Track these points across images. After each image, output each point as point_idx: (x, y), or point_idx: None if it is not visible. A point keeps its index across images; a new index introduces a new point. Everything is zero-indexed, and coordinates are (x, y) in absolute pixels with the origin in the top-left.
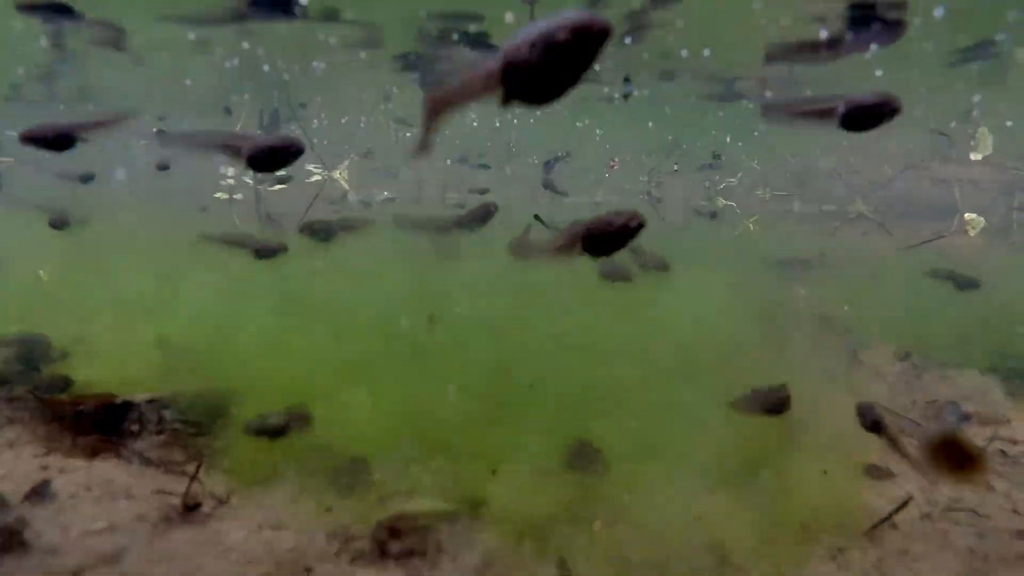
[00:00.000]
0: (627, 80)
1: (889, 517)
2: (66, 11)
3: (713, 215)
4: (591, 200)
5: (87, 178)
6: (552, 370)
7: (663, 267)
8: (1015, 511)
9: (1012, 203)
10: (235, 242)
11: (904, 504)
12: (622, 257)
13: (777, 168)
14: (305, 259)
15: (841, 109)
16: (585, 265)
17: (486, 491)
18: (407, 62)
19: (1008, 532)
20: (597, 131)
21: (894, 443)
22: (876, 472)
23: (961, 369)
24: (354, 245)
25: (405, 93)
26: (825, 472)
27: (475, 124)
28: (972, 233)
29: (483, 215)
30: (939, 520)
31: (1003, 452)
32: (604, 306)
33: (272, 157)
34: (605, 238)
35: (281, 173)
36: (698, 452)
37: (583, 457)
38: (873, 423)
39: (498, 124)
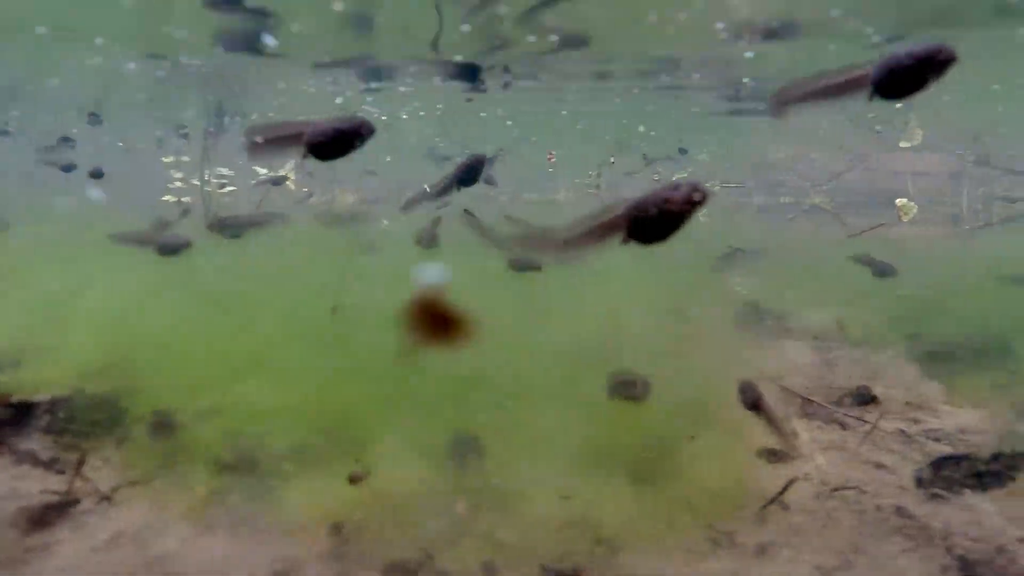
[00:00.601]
0: (506, 69)
1: (775, 498)
2: None
3: None
4: (552, 199)
5: (68, 168)
6: (447, 360)
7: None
8: (901, 487)
9: (964, 191)
10: (141, 240)
11: (789, 485)
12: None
13: (730, 160)
14: (221, 255)
15: (874, 74)
16: (496, 254)
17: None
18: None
19: (890, 508)
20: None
21: (772, 421)
22: (773, 455)
23: (879, 352)
24: (272, 241)
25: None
26: (708, 450)
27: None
28: (905, 219)
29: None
30: (828, 499)
31: (902, 431)
32: (511, 296)
33: (337, 142)
34: (659, 220)
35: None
36: (585, 439)
37: (462, 444)
38: (752, 402)
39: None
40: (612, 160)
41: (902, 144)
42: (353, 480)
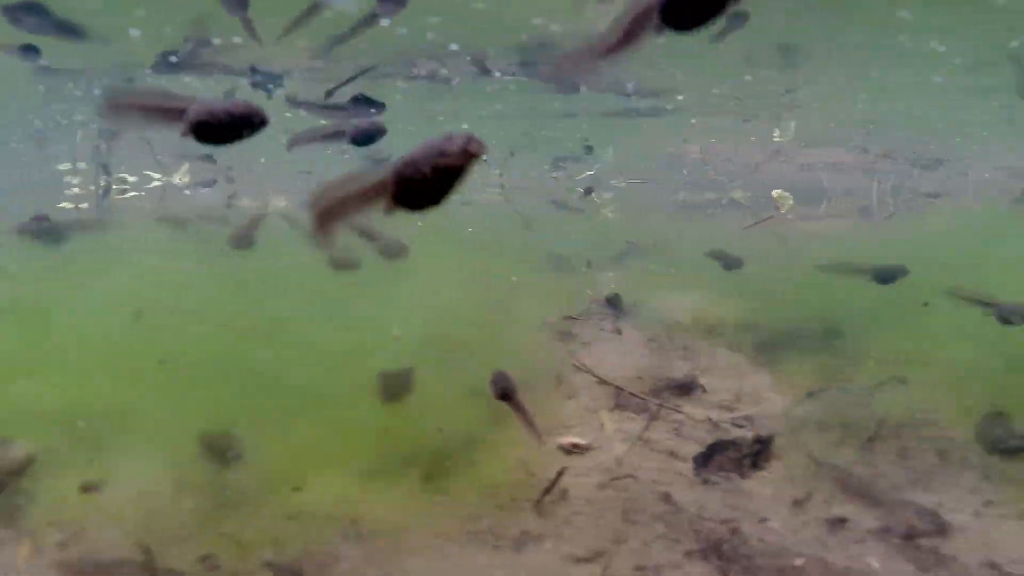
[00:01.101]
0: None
1: (549, 490)
2: None
3: (568, 205)
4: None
5: None
6: (231, 358)
7: (399, 253)
8: (679, 474)
9: (874, 184)
10: None
11: (559, 476)
12: (353, 242)
13: (640, 157)
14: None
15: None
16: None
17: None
18: None
19: (660, 496)
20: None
21: (521, 413)
22: (575, 448)
23: (717, 343)
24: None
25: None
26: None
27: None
28: (783, 210)
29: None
30: (608, 488)
31: (710, 419)
32: (318, 295)
33: (226, 127)
34: (433, 179)
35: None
36: (361, 439)
37: (216, 446)
38: (502, 392)
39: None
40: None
41: (775, 137)
42: (86, 488)
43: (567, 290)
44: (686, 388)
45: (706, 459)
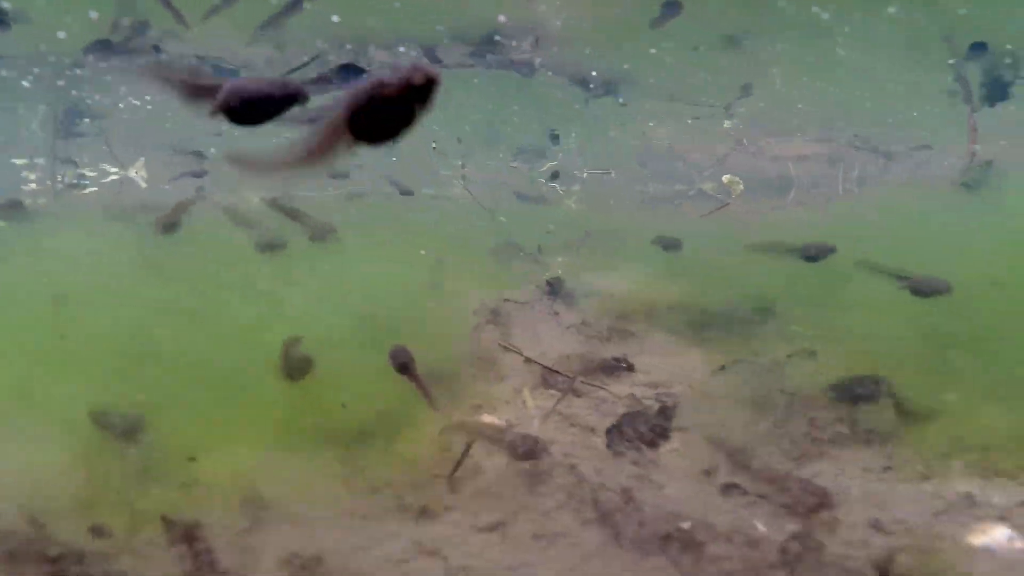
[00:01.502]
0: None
1: (459, 464)
2: None
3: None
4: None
5: None
6: (138, 337)
7: (327, 233)
8: (590, 447)
9: (839, 173)
10: None
11: (468, 449)
12: (281, 222)
13: (604, 148)
14: None
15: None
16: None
17: None
18: None
19: (567, 467)
20: None
21: (419, 386)
22: (491, 429)
23: (647, 326)
24: None
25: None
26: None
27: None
28: (734, 195)
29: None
30: (522, 463)
31: (633, 395)
32: (235, 275)
33: (261, 107)
34: (379, 111)
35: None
36: (273, 414)
37: (113, 420)
38: (400, 365)
39: None
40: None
41: (725, 125)
42: None
43: (513, 275)
44: (614, 367)
45: (616, 431)
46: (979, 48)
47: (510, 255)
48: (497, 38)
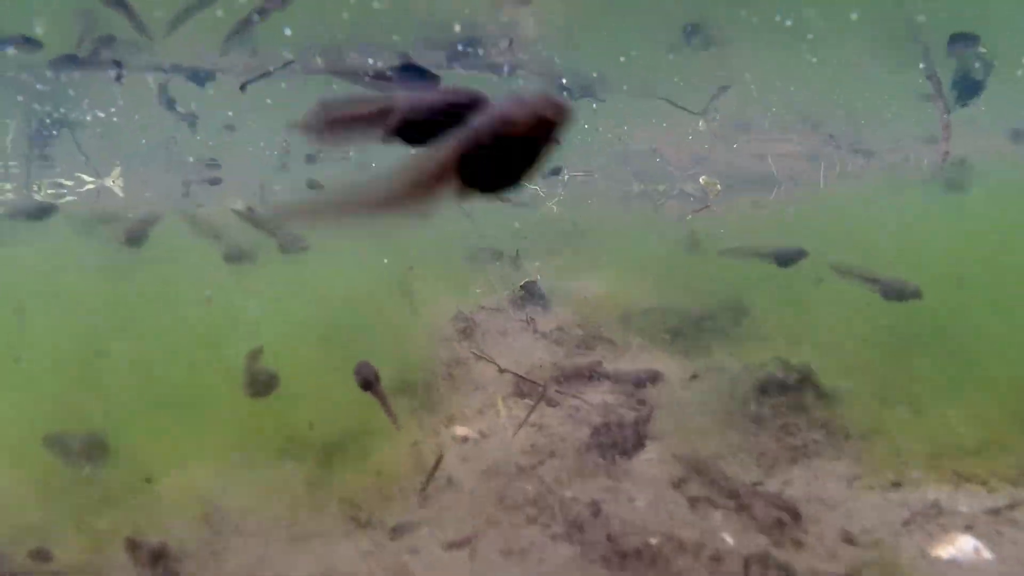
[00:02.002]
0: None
1: (429, 479)
2: None
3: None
4: None
5: None
6: (97, 354)
7: (296, 244)
8: (561, 458)
9: (820, 171)
10: None
11: (437, 464)
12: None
13: (586, 149)
14: None
15: None
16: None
17: None
18: None
19: (536, 480)
20: None
21: (382, 402)
22: (464, 439)
23: (623, 332)
24: None
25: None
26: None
27: None
28: (712, 196)
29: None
30: (494, 477)
31: (606, 403)
32: (203, 286)
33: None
34: (500, 151)
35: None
36: (234, 433)
37: (71, 440)
38: (364, 382)
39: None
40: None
41: (700, 126)
42: None
43: (489, 281)
44: (589, 374)
45: (589, 443)
46: (963, 40)
47: (487, 261)
48: (461, 47)
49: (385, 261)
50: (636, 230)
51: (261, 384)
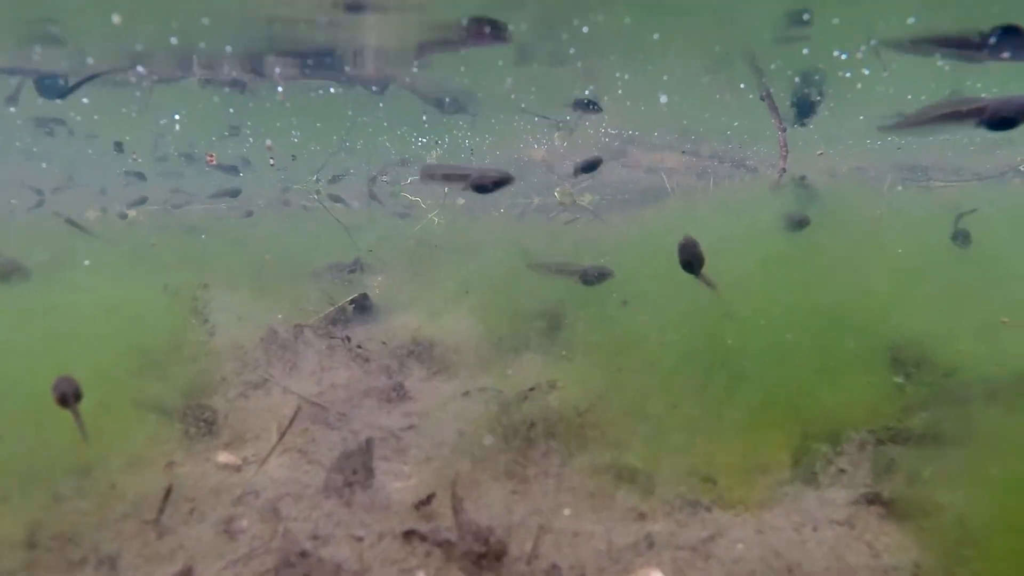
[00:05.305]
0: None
1: (161, 510)
2: None
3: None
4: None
5: None
6: None
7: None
8: (306, 486)
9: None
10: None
11: (167, 495)
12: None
13: (466, 161)
14: None
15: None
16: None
17: None
18: None
19: (268, 511)
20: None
21: (75, 417)
22: (230, 465)
23: (436, 351)
24: None
25: None
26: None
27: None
28: (565, 205)
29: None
30: (238, 505)
31: (389, 428)
32: None
33: (492, 186)
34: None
35: None
36: None
37: None
38: (60, 396)
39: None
40: (269, 145)
41: (556, 140)
42: None
43: (322, 297)
44: (389, 396)
45: (334, 470)
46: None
47: (329, 276)
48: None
49: (165, 285)
50: (510, 239)
51: None
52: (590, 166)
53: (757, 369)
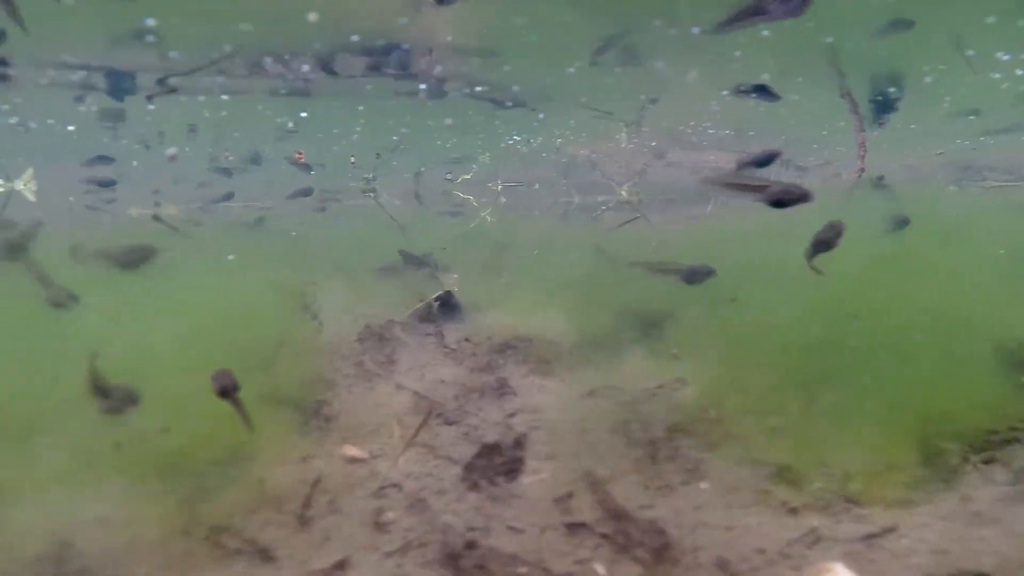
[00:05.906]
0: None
1: (307, 502)
2: None
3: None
4: None
5: None
6: None
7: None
8: (442, 482)
9: None
10: None
11: (314, 487)
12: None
13: (521, 160)
14: None
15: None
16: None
17: None
18: None
19: (416, 502)
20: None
21: (238, 409)
22: (353, 459)
23: (532, 348)
24: None
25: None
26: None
27: None
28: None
29: None
30: (378, 496)
31: (508, 425)
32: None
33: (789, 201)
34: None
35: None
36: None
37: None
38: (221, 389)
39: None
40: (299, 155)
41: (620, 138)
42: None
43: (405, 293)
44: (493, 393)
45: (473, 465)
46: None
47: (406, 272)
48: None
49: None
50: (564, 243)
51: (117, 399)
52: (765, 160)
53: (879, 368)
